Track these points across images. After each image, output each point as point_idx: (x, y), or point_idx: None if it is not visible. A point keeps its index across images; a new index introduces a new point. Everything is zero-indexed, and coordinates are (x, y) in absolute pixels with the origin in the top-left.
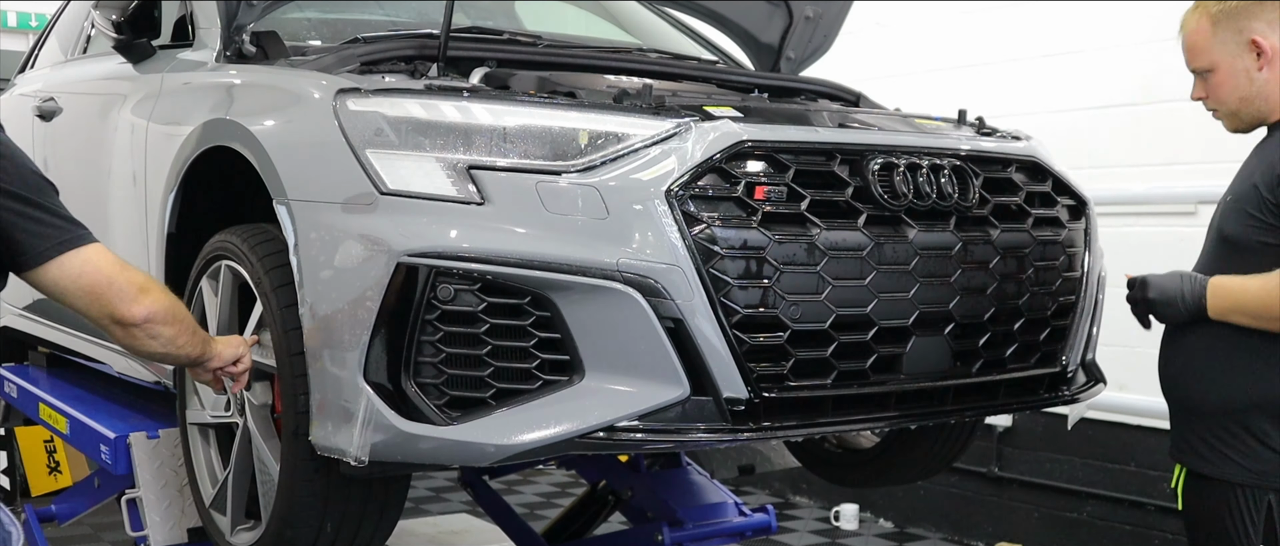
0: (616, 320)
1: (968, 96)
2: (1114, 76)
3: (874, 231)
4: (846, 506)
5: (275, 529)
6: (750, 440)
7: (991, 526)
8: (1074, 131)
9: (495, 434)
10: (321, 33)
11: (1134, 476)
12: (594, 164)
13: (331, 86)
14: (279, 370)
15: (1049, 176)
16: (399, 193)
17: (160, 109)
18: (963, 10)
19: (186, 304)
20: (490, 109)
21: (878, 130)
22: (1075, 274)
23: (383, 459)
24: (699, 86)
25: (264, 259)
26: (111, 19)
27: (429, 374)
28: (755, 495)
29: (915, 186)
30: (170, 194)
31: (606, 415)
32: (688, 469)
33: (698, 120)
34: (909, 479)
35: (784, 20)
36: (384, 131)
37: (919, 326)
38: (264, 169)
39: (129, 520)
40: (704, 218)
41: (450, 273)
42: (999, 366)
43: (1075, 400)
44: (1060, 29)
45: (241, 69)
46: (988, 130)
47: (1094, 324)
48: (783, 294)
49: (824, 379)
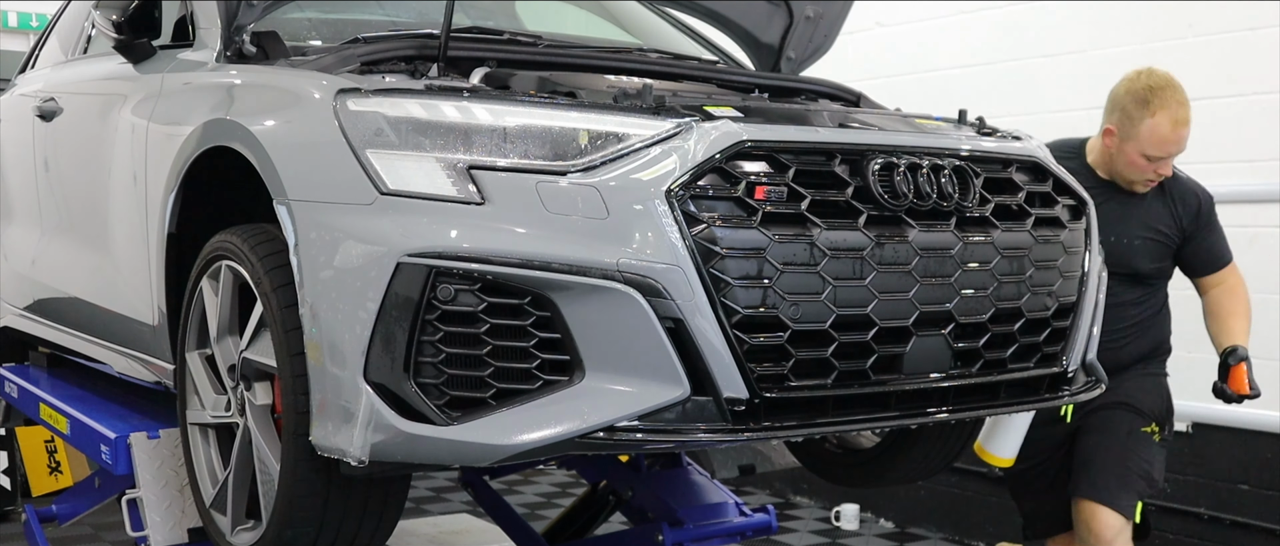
0: (617, 320)
1: (968, 96)
2: (1114, 76)
3: (874, 231)
4: (847, 506)
5: (275, 529)
6: (750, 440)
7: (991, 526)
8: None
9: (495, 434)
10: (321, 33)
11: None
12: (594, 164)
13: (332, 86)
14: (279, 370)
15: (1049, 176)
16: (399, 193)
17: (160, 109)
18: (963, 10)
19: (187, 304)
20: (490, 109)
21: (878, 130)
22: (1076, 274)
23: (383, 459)
24: (699, 86)
25: (264, 259)
26: (112, 19)
27: (429, 374)
28: (756, 495)
29: (916, 186)
30: (171, 194)
31: (606, 415)
32: (688, 469)
33: (698, 120)
34: (909, 479)
35: (784, 20)
36: (384, 131)
37: (919, 326)
38: (264, 169)
39: (129, 520)
40: (704, 218)
41: (450, 272)
42: (999, 366)
43: (1076, 400)
44: (1060, 29)
45: (242, 69)
46: (988, 130)
47: (1094, 324)
48: (783, 294)
49: (824, 379)
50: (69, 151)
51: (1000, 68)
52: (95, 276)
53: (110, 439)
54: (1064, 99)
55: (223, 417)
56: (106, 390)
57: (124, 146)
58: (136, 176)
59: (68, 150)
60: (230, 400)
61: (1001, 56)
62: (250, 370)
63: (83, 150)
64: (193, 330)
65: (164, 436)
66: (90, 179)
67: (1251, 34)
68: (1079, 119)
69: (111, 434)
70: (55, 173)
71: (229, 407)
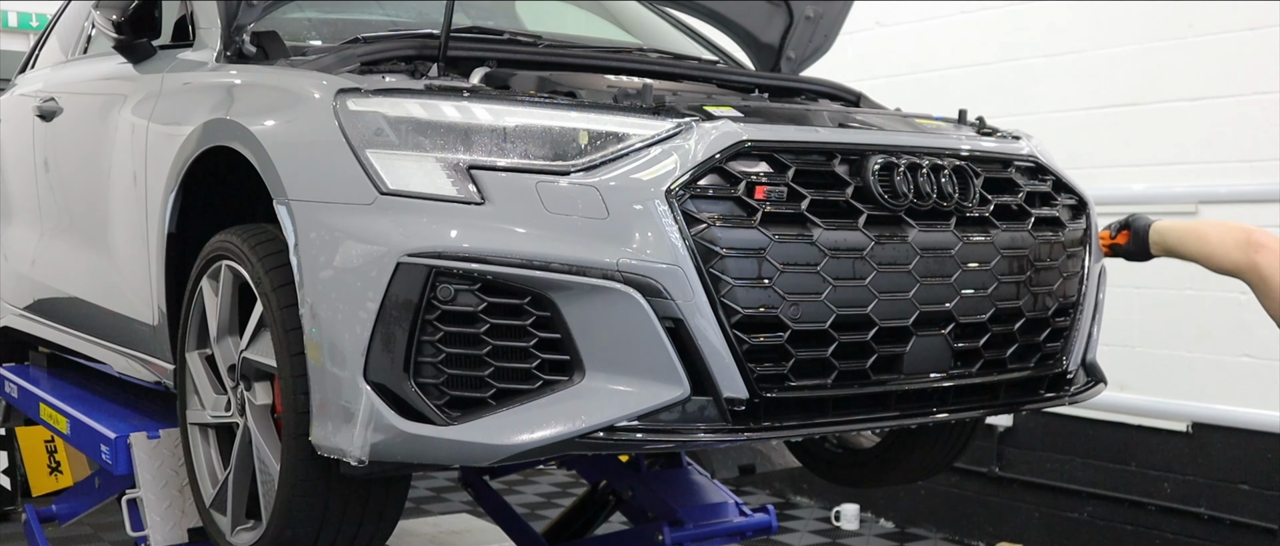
0: (616, 320)
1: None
2: (1114, 76)
3: (874, 231)
4: (847, 506)
5: (275, 529)
6: (750, 440)
7: (992, 526)
8: (1074, 131)
9: (495, 434)
10: (321, 33)
11: (1134, 476)
12: (594, 164)
13: (332, 86)
14: (279, 370)
15: (1049, 176)
16: (399, 192)
17: (161, 109)
18: (963, 10)
19: (187, 304)
20: (490, 109)
21: (878, 130)
22: (1076, 274)
23: (383, 459)
24: (699, 86)
25: (264, 259)
26: (112, 19)
27: (429, 374)
28: (756, 495)
29: (916, 186)
30: (170, 194)
31: (607, 415)
32: (688, 469)
33: (698, 120)
34: (909, 479)
35: (784, 20)
36: (384, 131)
37: (919, 326)
38: (264, 169)
39: (129, 520)
40: (704, 217)
41: (450, 272)
42: (999, 366)
43: (1076, 400)
44: (1060, 29)
45: (242, 69)
46: (988, 130)
47: (1095, 324)
48: (783, 294)
49: (824, 379)
50: (69, 151)
51: (1000, 68)
52: (95, 276)
53: (110, 439)
54: (1064, 99)
55: (223, 417)
56: (106, 390)
57: (124, 146)
58: (136, 176)
59: (68, 150)
60: (230, 400)
61: (1001, 56)
62: (250, 370)
63: (83, 150)
64: (193, 330)
65: (164, 436)
66: (90, 179)
67: (1251, 34)
68: (1079, 119)
69: (111, 434)
70: (55, 173)
71: (229, 407)
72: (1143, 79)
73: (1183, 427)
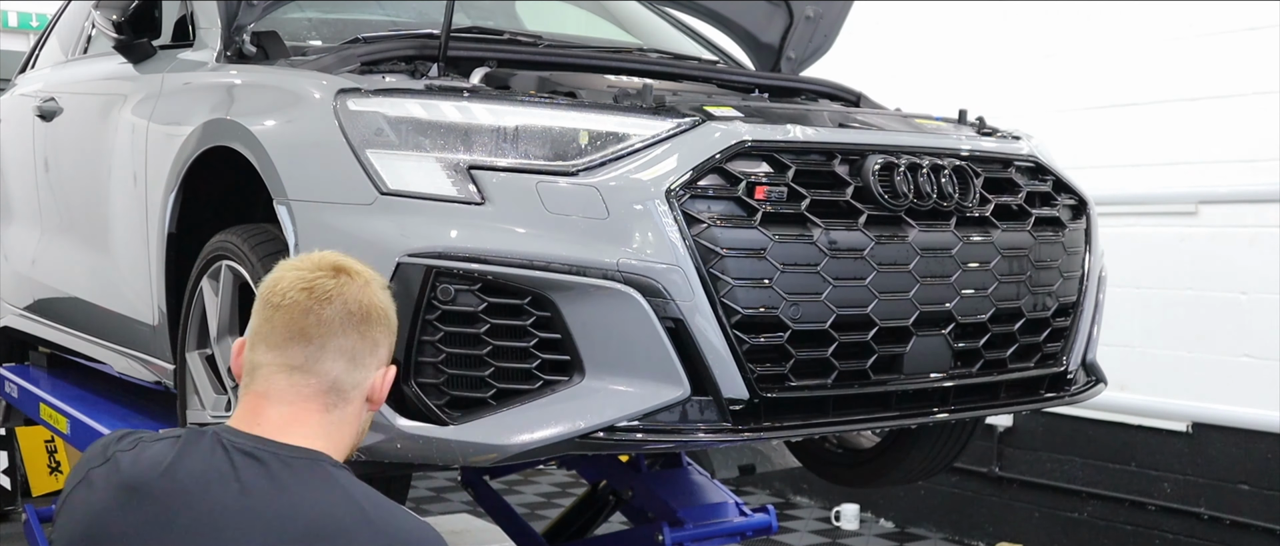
0: (617, 320)
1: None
2: (1114, 76)
3: (874, 231)
4: (847, 506)
5: None
6: (750, 440)
7: (992, 526)
8: (1074, 131)
9: (495, 434)
10: (321, 33)
11: (1134, 476)
12: (594, 164)
13: (332, 86)
14: None
15: (1049, 176)
16: (399, 193)
17: (161, 109)
18: (963, 10)
19: (187, 304)
20: (490, 109)
21: (878, 130)
22: (1076, 274)
23: (383, 459)
24: (699, 86)
25: (264, 259)
26: (112, 19)
27: (429, 374)
28: (756, 495)
29: (916, 186)
30: (171, 194)
31: (607, 415)
32: (688, 469)
33: (698, 120)
34: (909, 479)
35: (784, 20)
36: (384, 131)
37: (919, 326)
38: (264, 169)
39: None
40: (704, 218)
41: (450, 273)
42: (999, 366)
43: (1076, 400)
44: (1060, 29)
45: (242, 69)
46: (988, 130)
47: (1095, 324)
48: (783, 294)
49: (824, 379)
50: (69, 151)
51: (1000, 68)
52: (95, 276)
53: None
54: (1064, 99)
55: (223, 417)
56: (106, 390)
57: (124, 146)
58: (136, 176)
59: (68, 150)
60: (230, 400)
61: (1001, 56)
62: None
63: (83, 150)
64: (193, 330)
65: None
66: (90, 179)
67: (1251, 34)
68: (1079, 119)
69: None
70: (55, 173)
71: (229, 407)
72: (1142, 79)
73: (1183, 427)
